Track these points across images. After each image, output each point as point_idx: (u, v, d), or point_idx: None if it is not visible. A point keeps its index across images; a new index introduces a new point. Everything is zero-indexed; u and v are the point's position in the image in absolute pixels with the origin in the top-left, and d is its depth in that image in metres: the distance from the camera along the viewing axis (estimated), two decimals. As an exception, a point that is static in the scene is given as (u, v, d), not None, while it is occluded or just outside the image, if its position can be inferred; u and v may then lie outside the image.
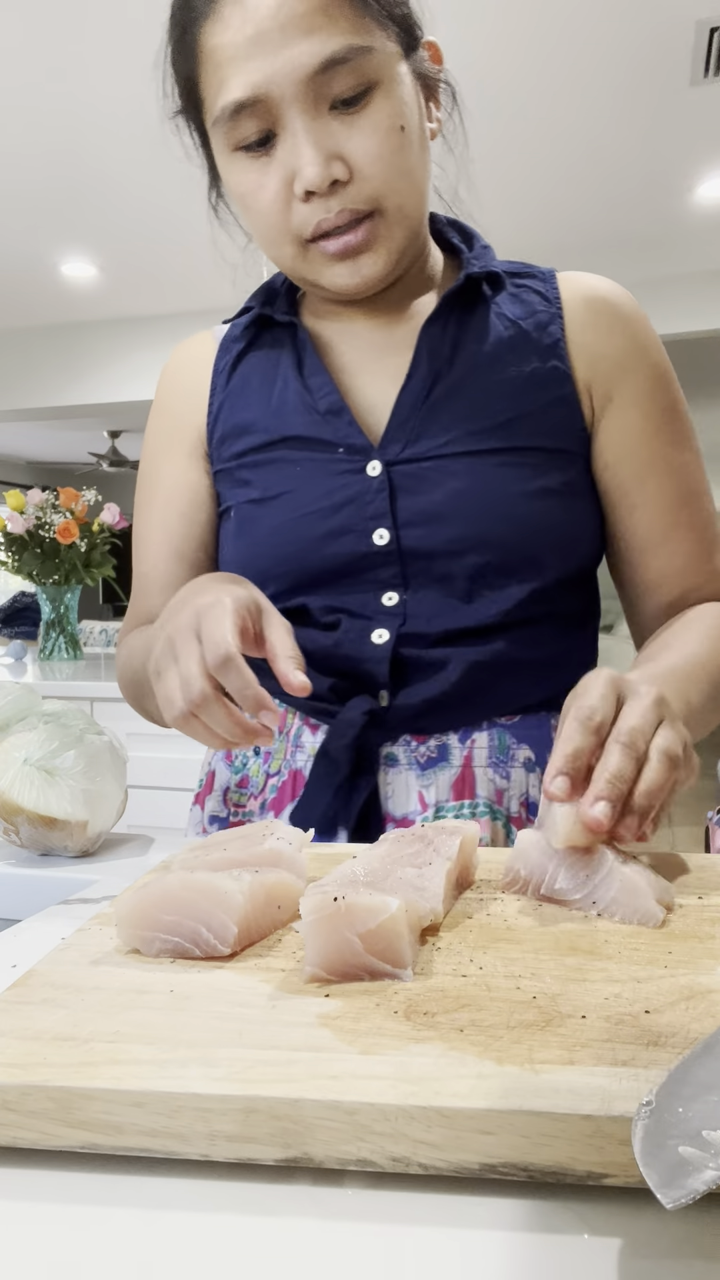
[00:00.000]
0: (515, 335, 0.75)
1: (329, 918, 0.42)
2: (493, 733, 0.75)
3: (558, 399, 0.74)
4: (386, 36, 0.67)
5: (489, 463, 0.72)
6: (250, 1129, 0.33)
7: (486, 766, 0.74)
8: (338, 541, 0.74)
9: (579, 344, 0.75)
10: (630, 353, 0.76)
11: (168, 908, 0.45)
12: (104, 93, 2.89)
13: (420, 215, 0.74)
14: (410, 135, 0.69)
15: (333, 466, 0.75)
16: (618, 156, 3.33)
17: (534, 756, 0.75)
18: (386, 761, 0.75)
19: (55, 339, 5.35)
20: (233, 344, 0.84)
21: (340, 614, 0.76)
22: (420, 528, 0.73)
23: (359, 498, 0.74)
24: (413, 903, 0.45)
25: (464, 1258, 0.29)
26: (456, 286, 0.76)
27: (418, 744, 0.75)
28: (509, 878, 0.54)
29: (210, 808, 0.84)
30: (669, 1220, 0.30)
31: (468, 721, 0.75)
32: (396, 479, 0.73)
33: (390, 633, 0.74)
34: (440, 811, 0.74)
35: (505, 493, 0.72)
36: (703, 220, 3.89)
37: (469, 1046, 0.36)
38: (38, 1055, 0.36)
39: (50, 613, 2.87)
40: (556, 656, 0.77)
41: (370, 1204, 0.31)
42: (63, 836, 0.71)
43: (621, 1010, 0.39)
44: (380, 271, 0.72)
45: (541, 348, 0.75)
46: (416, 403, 0.75)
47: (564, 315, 0.76)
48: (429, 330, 0.75)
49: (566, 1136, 0.31)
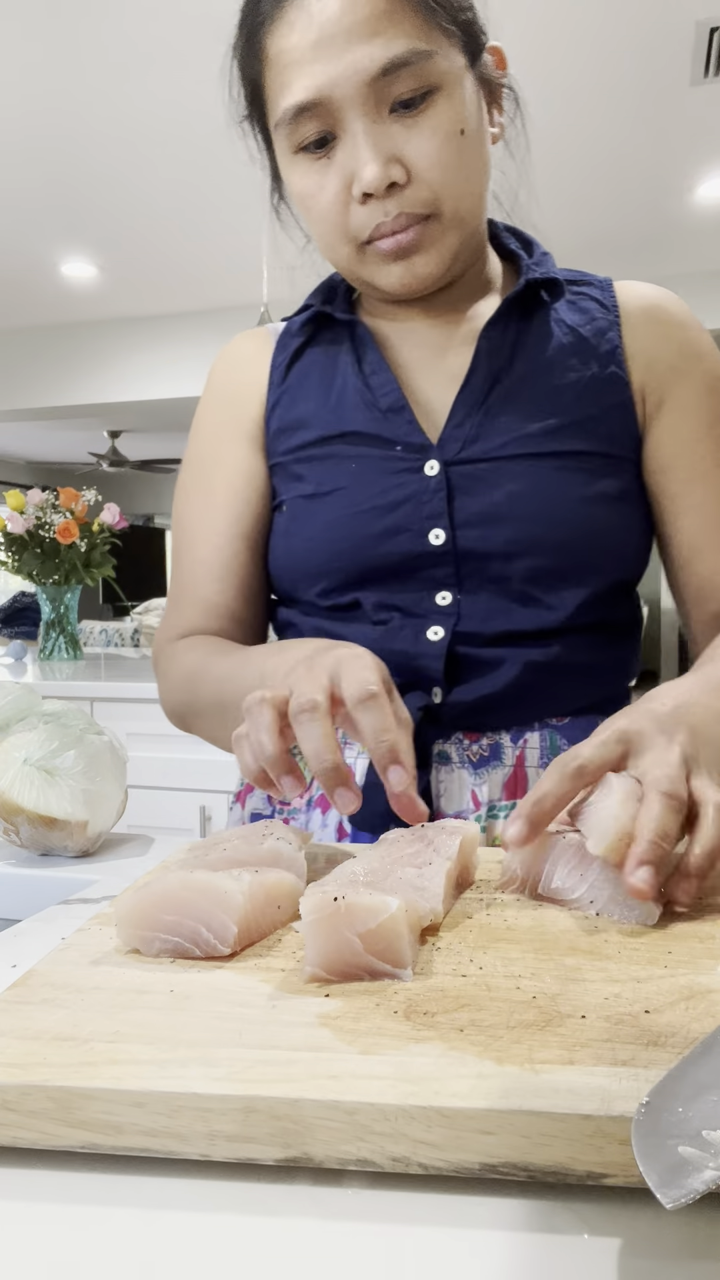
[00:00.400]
0: (574, 341, 0.76)
1: (329, 918, 0.42)
2: (544, 733, 0.75)
3: (615, 405, 0.75)
4: (450, 42, 0.68)
5: (547, 466, 0.73)
6: (250, 1129, 0.33)
7: (538, 766, 0.75)
8: (393, 540, 0.74)
9: (635, 350, 0.76)
10: (684, 358, 0.76)
11: (167, 908, 0.45)
12: (104, 93, 2.89)
13: (477, 219, 0.75)
14: (470, 139, 0.70)
15: (389, 464, 0.75)
16: (618, 156, 3.33)
17: None
18: (439, 759, 0.75)
19: (55, 339, 5.35)
20: (291, 340, 0.84)
21: (393, 611, 0.76)
22: (477, 529, 0.73)
23: (416, 496, 0.74)
24: (413, 903, 0.45)
25: (464, 1258, 0.29)
26: (517, 291, 0.77)
27: (470, 742, 0.75)
28: (506, 876, 0.54)
29: (252, 805, 0.84)
30: (669, 1220, 0.30)
31: (520, 721, 0.75)
32: (454, 479, 0.73)
33: (446, 630, 0.74)
34: (493, 810, 0.74)
35: (563, 497, 0.72)
36: (703, 220, 3.90)
37: (469, 1046, 0.36)
38: (38, 1055, 0.36)
39: (50, 613, 2.87)
40: (606, 662, 0.78)
41: (370, 1204, 0.31)
42: (63, 836, 0.71)
43: (621, 1010, 0.39)
44: (434, 272, 0.73)
45: (600, 354, 0.76)
46: (475, 403, 0.75)
47: (621, 322, 0.77)
48: (489, 332, 0.76)
49: (566, 1136, 0.31)
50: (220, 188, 3.56)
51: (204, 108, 2.97)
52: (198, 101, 2.94)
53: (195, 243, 4.13)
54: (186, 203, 3.70)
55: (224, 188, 3.56)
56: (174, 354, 5.19)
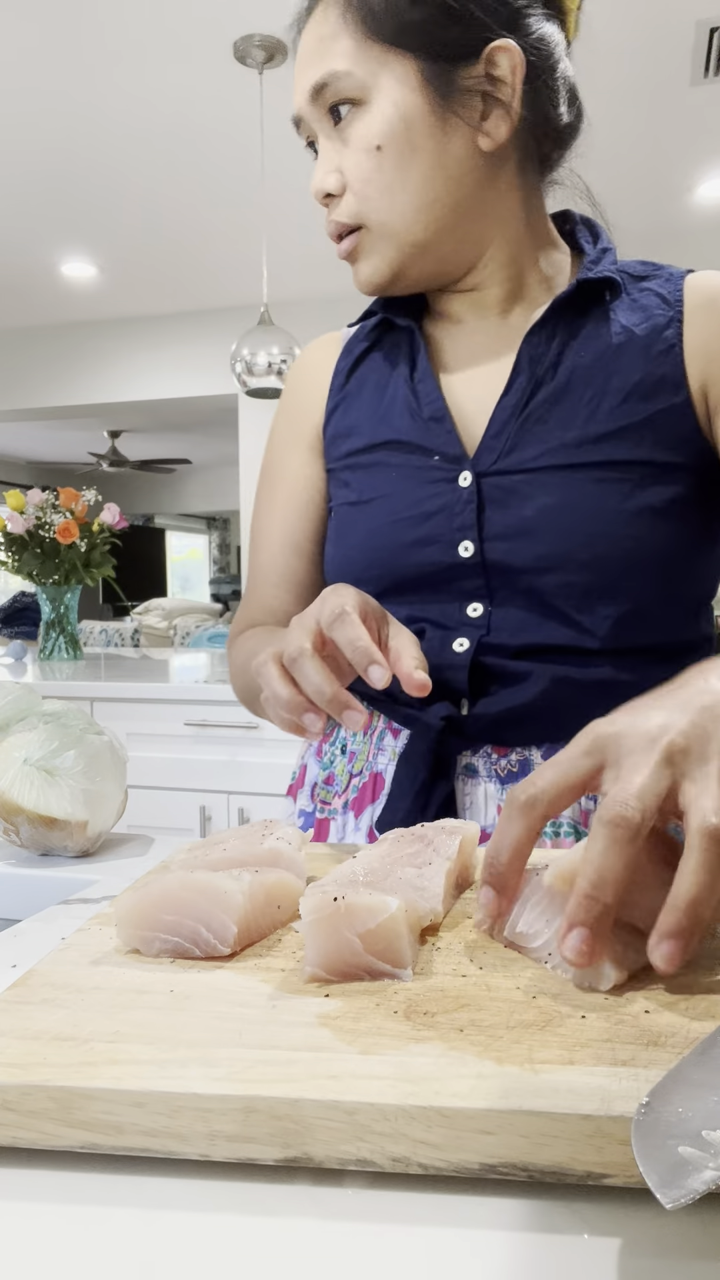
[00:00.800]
0: (625, 343, 0.71)
1: (329, 918, 0.42)
2: None
3: (667, 409, 0.70)
4: (391, 57, 0.68)
5: (584, 478, 0.69)
6: (250, 1129, 0.33)
7: None
8: (424, 551, 0.73)
9: (696, 347, 0.70)
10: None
11: (167, 908, 0.45)
12: (104, 93, 2.89)
13: (416, 233, 0.71)
14: (390, 154, 0.69)
15: (427, 474, 0.74)
16: (618, 156, 3.33)
17: None
18: (466, 772, 0.74)
19: (55, 339, 5.35)
20: (356, 345, 0.84)
21: (424, 623, 0.75)
22: (506, 542, 0.71)
23: (448, 508, 0.73)
24: (413, 903, 0.45)
25: (464, 1258, 0.29)
26: (567, 293, 0.73)
27: (499, 756, 0.73)
28: (480, 915, 0.47)
29: (300, 802, 0.85)
30: (669, 1220, 0.30)
31: (551, 738, 0.72)
32: (486, 491, 0.72)
33: (471, 641, 0.73)
34: None
35: (599, 510, 0.69)
36: (703, 220, 3.90)
37: (469, 1046, 0.36)
38: (38, 1055, 0.36)
39: (50, 613, 2.87)
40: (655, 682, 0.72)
41: (370, 1204, 0.31)
42: (63, 836, 0.71)
43: (621, 1010, 0.39)
44: (375, 280, 0.74)
45: (653, 355, 0.71)
46: (514, 413, 0.72)
47: (684, 318, 0.71)
48: (531, 338, 0.73)
49: (566, 1136, 0.31)
50: (220, 188, 3.56)
51: (205, 107, 2.97)
52: (198, 101, 2.94)
53: (195, 243, 4.14)
54: (186, 203, 3.70)
55: (224, 188, 3.56)
56: (174, 354, 5.19)
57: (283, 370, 2.82)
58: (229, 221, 3.89)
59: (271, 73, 2.77)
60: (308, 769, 0.86)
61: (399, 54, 0.68)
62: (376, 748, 0.79)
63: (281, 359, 2.80)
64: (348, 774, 0.81)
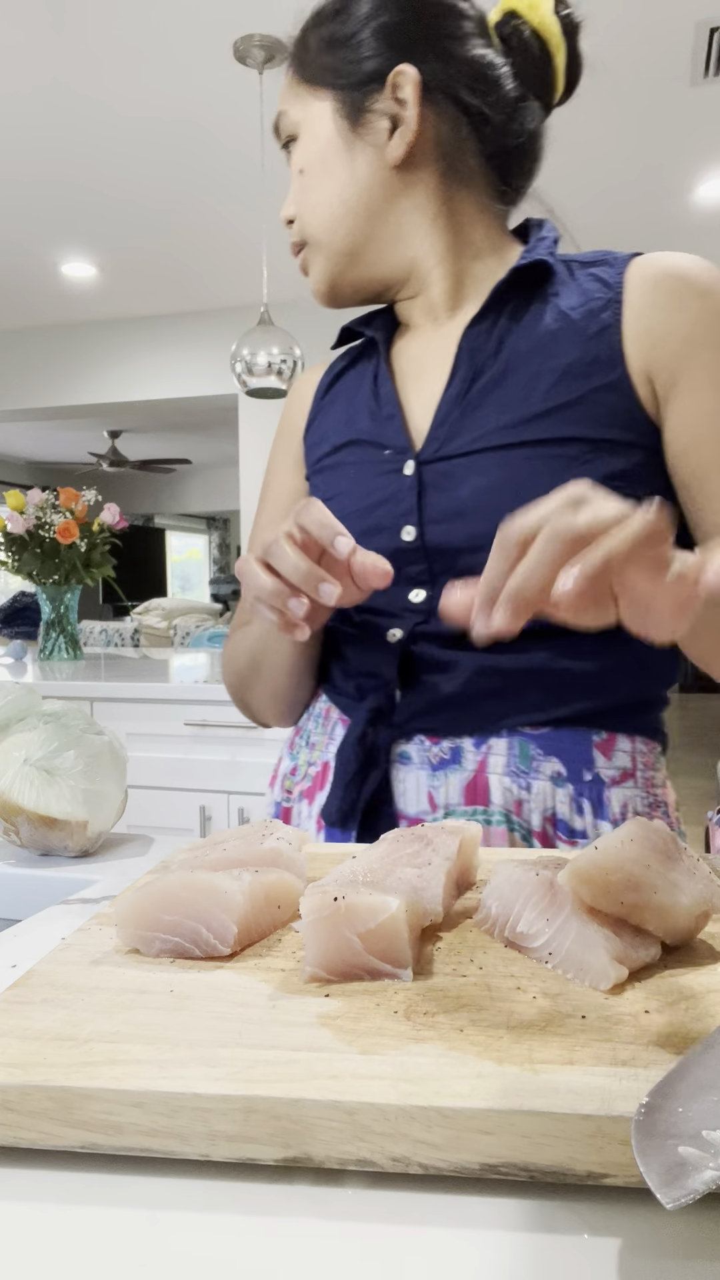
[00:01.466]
0: (562, 326, 0.73)
1: (329, 918, 0.42)
2: (514, 741, 0.73)
3: (604, 386, 0.71)
4: (316, 93, 0.78)
5: (519, 457, 0.71)
6: (250, 1129, 0.33)
7: (503, 774, 0.72)
8: (373, 539, 0.75)
9: (639, 327, 0.71)
10: (700, 327, 0.70)
11: (168, 908, 0.45)
12: (104, 93, 2.89)
13: (337, 244, 0.79)
14: (310, 177, 0.79)
15: (379, 467, 0.78)
16: (618, 157, 3.33)
17: (565, 772, 0.72)
18: (400, 759, 0.75)
19: (55, 339, 5.35)
20: (337, 364, 0.90)
21: (368, 613, 0.78)
22: (445, 524, 0.73)
23: (394, 497, 0.76)
24: (413, 903, 0.45)
25: (464, 1258, 0.29)
26: (503, 283, 0.75)
27: (431, 744, 0.75)
28: (481, 914, 0.49)
29: (274, 793, 0.89)
30: (669, 1220, 0.30)
31: (482, 728, 0.73)
32: (427, 477, 0.75)
33: (404, 631, 0.75)
34: (450, 814, 0.73)
35: (532, 488, 0.69)
36: (703, 220, 3.89)
37: (469, 1046, 0.36)
38: (38, 1055, 0.36)
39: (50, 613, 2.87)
40: (603, 669, 0.73)
41: (370, 1204, 0.31)
42: (63, 836, 0.71)
43: (621, 1010, 0.39)
44: (320, 289, 0.83)
45: (589, 335, 0.72)
46: (456, 402, 0.75)
47: (623, 299, 0.72)
48: (471, 331, 0.76)
49: (566, 1136, 0.31)
50: (220, 188, 3.56)
51: (205, 107, 2.97)
52: (199, 101, 2.94)
53: (195, 243, 4.14)
54: (187, 203, 3.70)
55: (224, 188, 3.56)
56: (174, 354, 5.19)
57: (283, 370, 2.81)
58: (229, 221, 3.89)
59: (271, 73, 2.77)
60: (282, 761, 0.89)
61: (319, 91, 0.78)
62: (329, 737, 0.82)
63: (281, 359, 2.80)
64: (307, 763, 0.84)
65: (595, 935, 0.42)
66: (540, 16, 0.77)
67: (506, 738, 0.73)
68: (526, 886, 0.46)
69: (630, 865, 0.43)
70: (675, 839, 0.47)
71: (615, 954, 0.41)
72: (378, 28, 0.75)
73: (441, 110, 0.76)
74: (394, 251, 0.79)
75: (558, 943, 0.44)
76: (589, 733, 0.73)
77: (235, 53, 2.67)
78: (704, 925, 0.45)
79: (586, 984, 0.41)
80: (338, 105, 0.77)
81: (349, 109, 0.76)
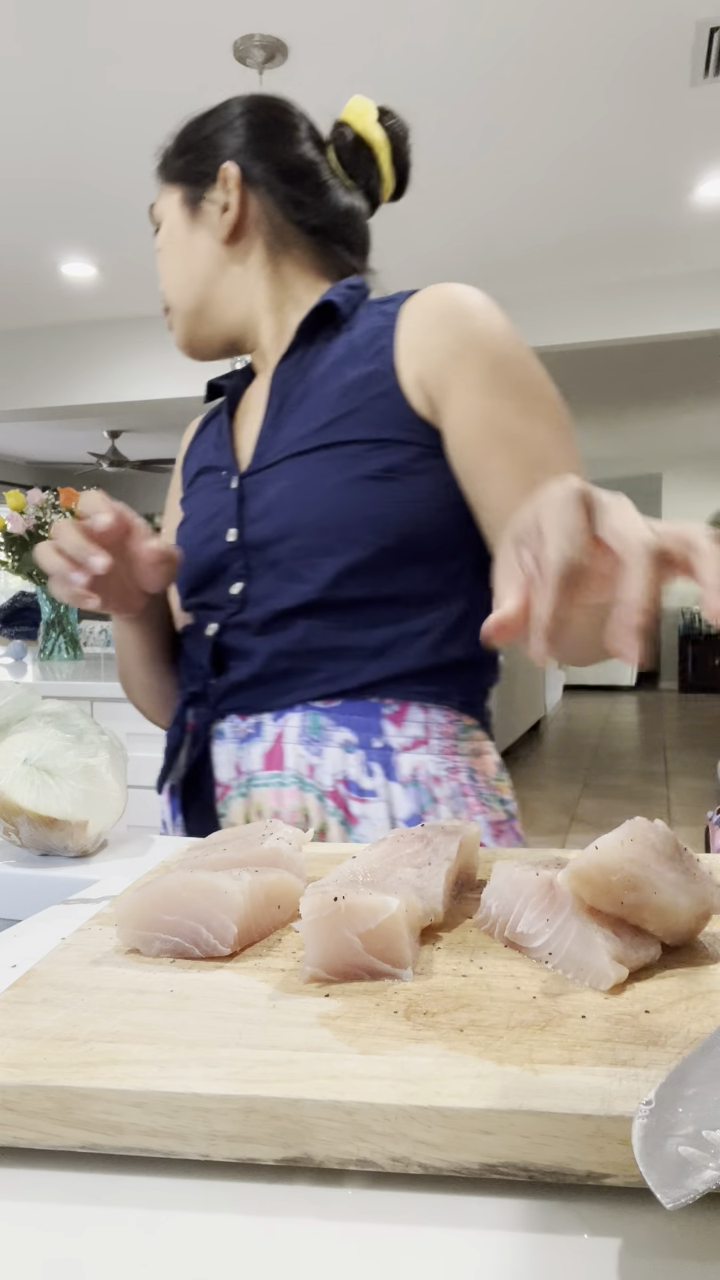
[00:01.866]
0: (348, 352, 0.88)
1: (329, 918, 0.42)
2: (306, 714, 0.84)
3: (378, 395, 0.84)
4: (172, 187, 0.96)
5: (313, 459, 0.84)
6: (250, 1129, 0.33)
7: (297, 743, 0.84)
8: (210, 545, 0.90)
9: (408, 345, 0.84)
10: (463, 343, 0.82)
11: (168, 908, 0.45)
12: (105, 93, 2.89)
13: (188, 308, 0.96)
14: (163, 254, 0.97)
15: (216, 487, 0.93)
16: (617, 157, 3.33)
17: (355, 740, 0.83)
18: (217, 736, 0.88)
19: (55, 339, 5.35)
20: (210, 415, 1.04)
21: (201, 610, 0.92)
22: (258, 523, 0.86)
23: (224, 508, 0.90)
24: (413, 903, 0.45)
25: (464, 1258, 0.29)
26: (302, 325, 0.90)
27: (240, 721, 0.87)
28: (481, 914, 0.49)
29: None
30: (669, 1220, 0.30)
31: (279, 704, 0.85)
32: (247, 488, 0.89)
33: (218, 625, 0.89)
34: (252, 780, 0.84)
35: (319, 484, 0.83)
36: (703, 220, 3.90)
37: (469, 1046, 0.36)
38: (38, 1055, 0.36)
39: (50, 613, 2.87)
40: (387, 641, 0.84)
41: (370, 1204, 0.31)
42: (63, 836, 0.71)
43: (621, 1010, 0.39)
44: (180, 342, 0.99)
45: (368, 356, 0.86)
46: (269, 425, 0.90)
47: (398, 324, 0.86)
48: (280, 366, 0.92)
49: (566, 1136, 0.31)
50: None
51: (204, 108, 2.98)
52: (198, 101, 2.94)
53: (195, 243, 4.13)
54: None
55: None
56: (174, 354, 5.19)
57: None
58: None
59: (271, 73, 2.77)
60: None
61: (171, 186, 0.96)
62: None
63: (281, 359, 2.80)
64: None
65: (595, 935, 0.42)
66: (365, 125, 0.95)
67: (300, 711, 0.84)
68: (526, 886, 0.46)
69: (630, 865, 0.43)
70: (675, 839, 0.47)
71: (615, 954, 0.41)
72: (213, 137, 0.94)
73: (264, 197, 0.93)
74: (232, 309, 0.96)
75: (558, 943, 0.44)
76: (379, 705, 0.83)
77: (235, 53, 2.67)
78: (704, 925, 0.45)
79: (586, 984, 0.41)
80: (183, 196, 0.95)
81: (192, 198, 0.95)
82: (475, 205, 3.68)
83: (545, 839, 4.30)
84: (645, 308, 4.57)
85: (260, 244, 0.94)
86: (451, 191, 3.58)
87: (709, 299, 4.46)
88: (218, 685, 0.88)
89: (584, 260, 4.29)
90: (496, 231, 3.92)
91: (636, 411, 7.71)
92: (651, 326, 4.57)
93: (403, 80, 2.84)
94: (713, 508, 10.73)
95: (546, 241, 4.01)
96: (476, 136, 3.18)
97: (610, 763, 6.22)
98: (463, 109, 3.01)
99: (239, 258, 0.94)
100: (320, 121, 1.00)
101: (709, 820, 2.30)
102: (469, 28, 2.56)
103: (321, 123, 1.00)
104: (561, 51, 2.68)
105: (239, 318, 0.96)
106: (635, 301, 4.58)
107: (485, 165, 3.39)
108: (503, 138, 3.18)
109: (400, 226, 3.90)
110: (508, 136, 3.17)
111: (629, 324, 4.59)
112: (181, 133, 0.98)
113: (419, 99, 2.95)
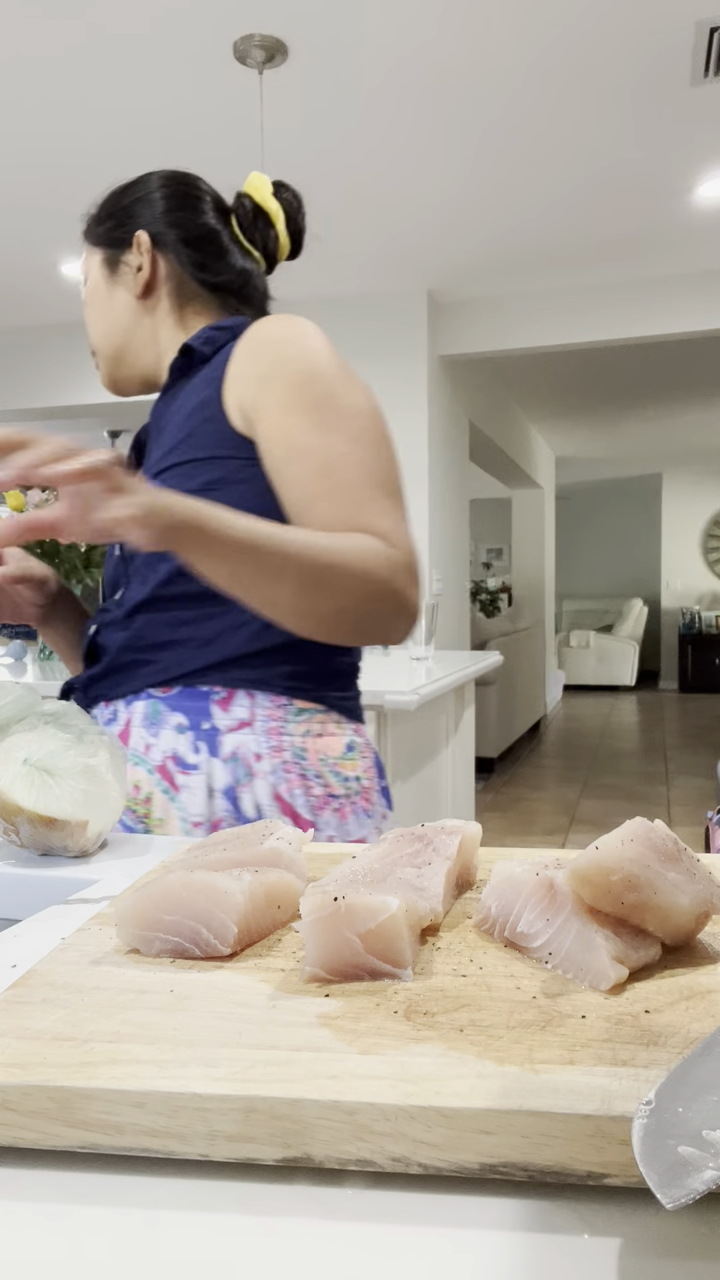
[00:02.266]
0: (195, 384, 1.02)
1: (329, 918, 0.42)
2: (148, 702, 0.99)
3: (208, 419, 0.98)
4: (92, 252, 1.12)
5: (161, 480, 0.98)
6: (250, 1129, 0.33)
7: (140, 726, 0.98)
8: (112, 559, 1.08)
9: (233, 372, 0.98)
10: (271, 366, 0.95)
11: (168, 908, 0.45)
12: (104, 92, 2.89)
13: (110, 353, 1.12)
14: (88, 307, 1.13)
15: None
16: (618, 156, 3.33)
17: (187, 722, 0.96)
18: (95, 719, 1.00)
19: (55, 339, 5.35)
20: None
21: (102, 612, 1.05)
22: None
23: None
24: (413, 903, 0.45)
25: (464, 1258, 0.29)
26: (172, 366, 1.06)
27: (105, 707, 1.03)
28: (481, 914, 0.49)
29: None
30: (669, 1220, 0.30)
31: (125, 691, 1.00)
32: None
33: (97, 624, 1.04)
34: None
35: None
36: (703, 220, 3.89)
37: (469, 1046, 0.36)
38: (38, 1055, 0.36)
39: (50, 613, 2.86)
40: (216, 632, 0.97)
41: (370, 1204, 0.31)
42: (63, 836, 0.71)
43: (621, 1010, 0.39)
44: (105, 382, 1.16)
45: (206, 385, 1.00)
46: (149, 453, 1.06)
47: (231, 354, 0.99)
48: (158, 401, 1.10)
49: (566, 1136, 0.31)
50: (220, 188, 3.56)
51: (205, 107, 2.97)
52: (198, 101, 2.94)
53: (195, 243, 4.13)
54: (186, 203, 3.70)
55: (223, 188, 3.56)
56: (174, 354, 5.18)
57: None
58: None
59: (271, 73, 2.77)
60: None
61: (94, 249, 1.11)
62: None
63: (281, 359, 2.80)
64: None
65: (595, 935, 0.42)
66: (263, 197, 1.12)
67: (145, 699, 0.99)
68: (526, 886, 0.46)
69: (630, 865, 0.43)
70: (675, 839, 0.47)
71: (615, 954, 0.41)
72: (130, 207, 1.09)
73: (171, 260, 1.08)
74: (145, 354, 1.12)
75: (558, 943, 0.44)
76: (210, 692, 0.97)
77: (235, 53, 2.67)
78: (704, 925, 0.45)
79: (586, 984, 0.41)
80: (104, 258, 1.10)
81: (111, 259, 1.10)
82: (475, 205, 3.68)
83: (545, 839, 4.30)
84: (645, 308, 4.57)
85: (168, 299, 1.10)
86: (451, 192, 3.58)
87: (709, 299, 4.45)
88: (81, 677, 1.06)
89: (584, 260, 4.29)
90: (496, 231, 3.92)
91: (636, 411, 7.70)
92: (651, 326, 4.56)
93: (402, 80, 2.84)
94: (713, 508, 10.73)
95: (546, 241, 4.01)
96: (476, 137, 3.18)
97: (610, 763, 6.22)
98: (462, 109, 3.01)
99: (150, 310, 1.11)
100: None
101: (709, 820, 2.30)
102: (468, 29, 2.56)
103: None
104: (561, 51, 2.68)
105: (152, 361, 1.13)
106: (635, 301, 4.58)
107: (485, 165, 3.39)
108: (502, 138, 3.18)
109: (400, 227, 3.90)
110: (507, 136, 3.17)
111: (629, 324, 4.59)
112: (104, 202, 1.13)
113: (418, 99, 2.95)
